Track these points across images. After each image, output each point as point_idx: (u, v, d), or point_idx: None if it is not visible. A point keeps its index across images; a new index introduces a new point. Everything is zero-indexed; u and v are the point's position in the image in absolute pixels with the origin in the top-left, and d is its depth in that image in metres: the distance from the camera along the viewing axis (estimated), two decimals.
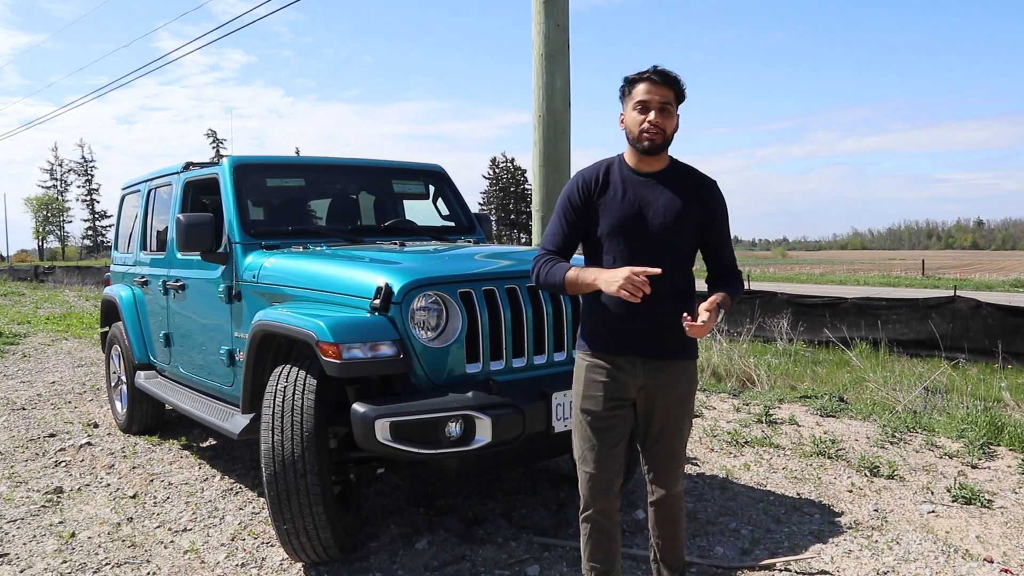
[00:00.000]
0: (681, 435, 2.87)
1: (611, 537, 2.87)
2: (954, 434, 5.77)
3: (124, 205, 6.73)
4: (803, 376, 8.55)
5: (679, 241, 2.73)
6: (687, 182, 2.77)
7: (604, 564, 2.87)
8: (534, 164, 6.77)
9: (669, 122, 2.68)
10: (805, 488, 4.74)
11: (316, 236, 4.80)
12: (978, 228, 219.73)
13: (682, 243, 2.74)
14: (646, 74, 2.68)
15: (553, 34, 6.54)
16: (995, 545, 3.89)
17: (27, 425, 6.56)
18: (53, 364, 9.95)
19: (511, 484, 4.82)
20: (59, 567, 3.75)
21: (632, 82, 2.72)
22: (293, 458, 3.34)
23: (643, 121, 2.66)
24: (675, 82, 2.68)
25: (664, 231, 2.70)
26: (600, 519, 2.84)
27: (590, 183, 2.80)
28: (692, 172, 2.83)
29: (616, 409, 2.78)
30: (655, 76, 2.66)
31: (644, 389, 2.78)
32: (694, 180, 2.79)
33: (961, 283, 28.93)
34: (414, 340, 3.40)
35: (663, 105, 2.66)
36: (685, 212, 2.71)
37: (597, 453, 2.78)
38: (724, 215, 2.84)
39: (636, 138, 2.70)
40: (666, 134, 2.69)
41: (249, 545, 3.98)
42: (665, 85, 2.66)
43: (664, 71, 2.66)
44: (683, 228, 2.72)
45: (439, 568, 3.64)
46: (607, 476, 2.79)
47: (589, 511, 2.84)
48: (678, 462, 2.90)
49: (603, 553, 2.87)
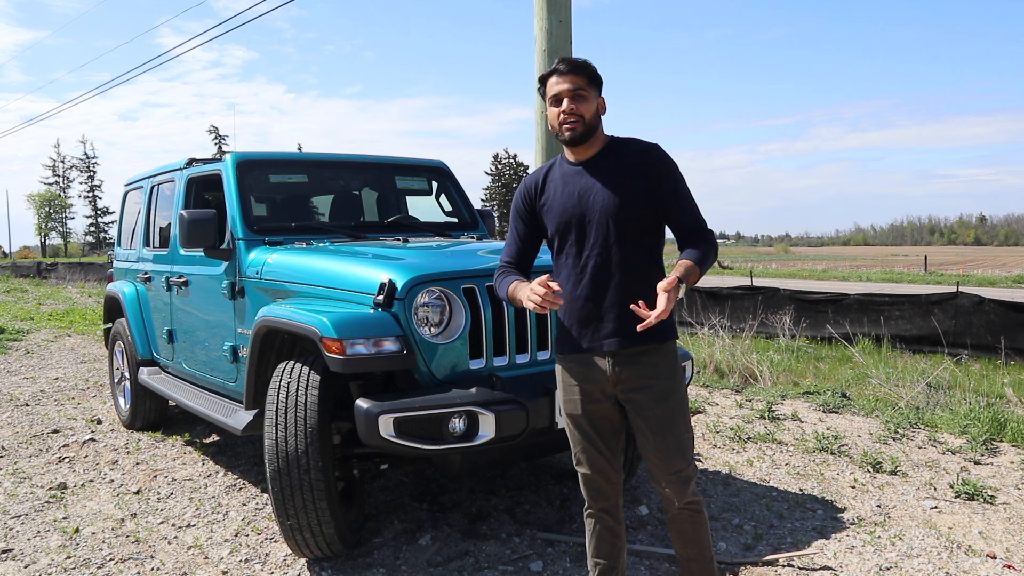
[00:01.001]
0: (674, 434, 2.64)
1: (615, 533, 2.85)
2: (957, 430, 5.77)
3: (127, 201, 6.74)
4: (806, 372, 8.55)
5: (626, 221, 2.61)
6: (624, 157, 2.69)
7: (608, 560, 2.86)
8: (536, 160, 6.76)
9: (586, 107, 2.62)
10: (808, 484, 4.74)
11: (319, 232, 4.80)
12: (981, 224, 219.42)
13: (630, 222, 2.62)
14: (553, 68, 2.67)
15: (555, 30, 6.53)
16: (998, 541, 3.89)
17: (31, 421, 6.58)
18: (56, 360, 9.97)
19: (515, 480, 4.82)
20: (63, 562, 3.77)
21: (544, 80, 2.70)
22: (297, 454, 3.34)
23: (559, 113, 2.65)
24: (583, 68, 2.64)
25: (606, 215, 2.62)
26: (603, 516, 2.82)
27: (531, 188, 2.81)
28: (629, 144, 2.73)
29: (597, 409, 2.71)
30: (561, 66, 2.64)
31: (620, 384, 2.65)
32: (631, 151, 2.69)
33: (964, 279, 28.88)
34: (417, 336, 3.40)
35: (575, 92, 2.62)
36: (625, 188, 2.63)
37: (588, 455, 2.77)
38: (672, 175, 2.67)
39: (558, 131, 2.68)
40: (586, 120, 2.63)
41: (253, 541, 3.99)
42: (573, 73, 2.63)
43: (570, 59, 2.65)
44: (627, 205, 2.61)
45: (443, 564, 3.65)
46: (603, 475, 2.77)
47: (592, 509, 2.84)
48: (679, 466, 2.66)
49: (607, 549, 2.85)
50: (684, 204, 2.68)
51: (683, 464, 2.67)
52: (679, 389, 2.70)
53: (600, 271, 2.62)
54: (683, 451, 2.67)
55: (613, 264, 2.61)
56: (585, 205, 2.66)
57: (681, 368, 2.75)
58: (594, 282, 2.64)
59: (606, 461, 2.76)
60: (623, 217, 2.62)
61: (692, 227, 2.67)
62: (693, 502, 2.73)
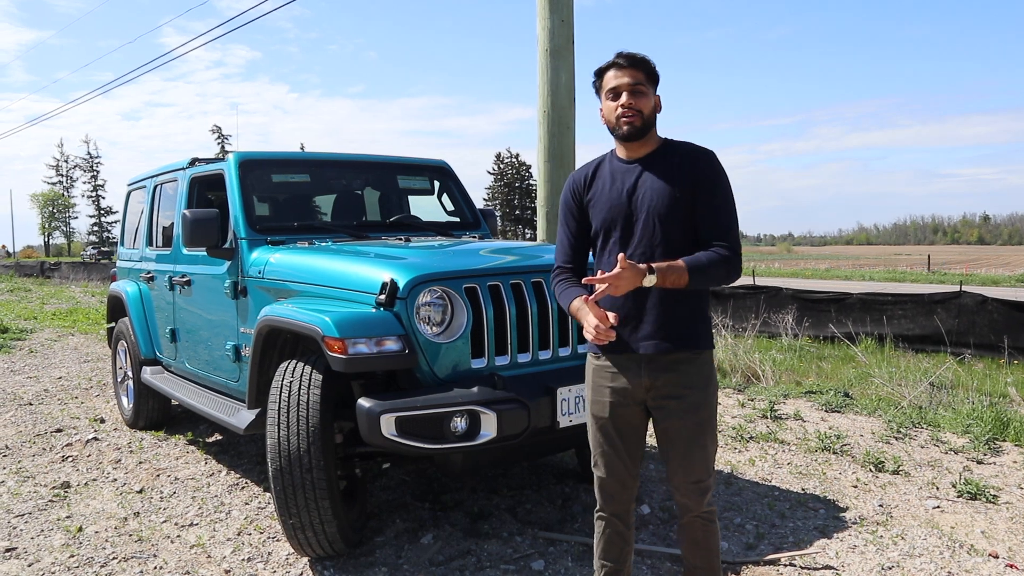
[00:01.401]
0: (700, 445, 2.62)
1: (624, 538, 2.81)
2: (959, 429, 5.76)
3: (130, 201, 6.75)
4: (808, 371, 8.55)
5: (672, 224, 2.57)
6: (676, 159, 2.62)
7: (615, 563, 2.83)
8: (539, 160, 6.77)
9: (644, 103, 2.58)
10: (810, 483, 4.74)
11: (321, 232, 4.81)
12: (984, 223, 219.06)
13: (676, 225, 2.57)
14: (612, 60, 2.61)
15: (558, 29, 6.53)
16: (1000, 540, 3.88)
17: (34, 420, 6.59)
18: (60, 360, 9.99)
19: (516, 479, 4.83)
20: (66, 561, 3.78)
21: (601, 73, 2.65)
22: (299, 453, 3.35)
23: (617, 107, 2.59)
24: (643, 63, 2.59)
25: (654, 216, 2.57)
26: (614, 520, 2.80)
27: (579, 183, 2.76)
28: (683, 147, 2.66)
29: (624, 414, 2.68)
30: (621, 60, 2.59)
31: (651, 391, 2.62)
32: (684, 154, 2.63)
33: (967, 278, 28.85)
34: (419, 335, 3.41)
35: (634, 87, 2.57)
36: (674, 191, 2.57)
37: (607, 459, 2.72)
38: (714, 184, 2.59)
39: (615, 125, 2.62)
40: (644, 115, 2.58)
41: (255, 540, 3.99)
42: (633, 67, 2.58)
43: (630, 54, 2.59)
44: (675, 208, 2.56)
45: (444, 563, 3.66)
46: (619, 481, 2.73)
47: (603, 512, 2.81)
48: (700, 476, 2.65)
49: (615, 553, 2.82)
50: (715, 214, 2.59)
51: (704, 475, 2.66)
52: (710, 402, 2.66)
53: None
54: (706, 463, 2.66)
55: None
56: (633, 203, 2.61)
57: (715, 380, 2.70)
58: None
59: (624, 467, 2.72)
60: (670, 219, 2.56)
61: (711, 236, 2.58)
62: (708, 512, 2.72)
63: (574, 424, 3.54)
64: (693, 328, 2.61)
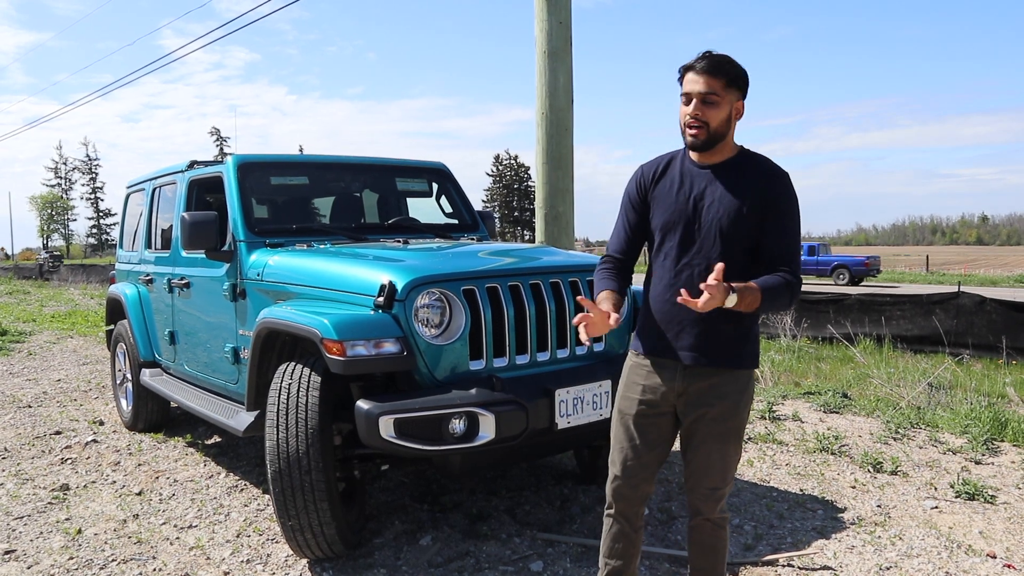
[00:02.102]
0: (721, 453, 2.61)
1: (630, 540, 2.80)
2: (958, 430, 5.77)
3: (129, 203, 6.76)
4: (807, 372, 8.56)
5: (733, 236, 2.51)
6: (750, 173, 2.55)
7: (619, 561, 2.82)
8: (537, 161, 6.78)
9: (714, 113, 2.48)
10: (808, 484, 4.75)
11: (320, 234, 4.81)
12: (983, 223, 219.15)
13: (737, 238, 2.51)
14: (693, 61, 2.51)
15: (555, 31, 6.54)
16: (998, 541, 3.89)
17: (33, 423, 6.60)
18: (59, 362, 9.99)
19: (515, 480, 4.83)
20: (66, 563, 3.78)
21: (682, 73, 2.54)
22: (298, 455, 3.36)
23: (685, 114, 2.52)
24: (721, 69, 2.47)
25: (717, 228, 2.51)
26: (621, 520, 2.79)
27: (647, 175, 2.69)
28: (759, 162, 2.59)
29: (650, 414, 2.66)
30: (700, 63, 2.48)
31: (683, 396, 2.60)
32: (759, 171, 2.56)
33: (965, 279, 28.87)
34: (418, 337, 3.41)
35: (706, 96, 2.47)
36: (742, 205, 2.50)
37: (624, 456, 2.70)
38: (784, 208, 2.53)
39: (682, 132, 2.56)
40: (710, 128, 2.49)
41: (254, 541, 4.00)
42: (710, 73, 2.46)
43: (711, 57, 2.48)
44: (739, 222, 2.50)
45: (443, 564, 3.66)
46: (632, 482, 2.71)
47: (612, 510, 2.80)
48: (716, 483, 2.64)
49: (620, 551, 2.81)
50: (779, 238, 2.53)
51: (721, 483, 2.66)
52: (741, 413, 2.63)
53: (697, 281, 2.47)
54: (726, 471, 2.65)
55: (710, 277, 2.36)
56: (699, 209, 2.55)
57: (751, 395, 2.66)
58: (677, 286, 2.52)
59: (639, 468, 2.70)
60: (732, 233, 2.51)
61: (773, 259, 2.53)
62: (720, 518, 2.72)
63: (572, 426, 3.55)
64: (738, 348, 2.58)
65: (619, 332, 4.11)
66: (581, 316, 2.45)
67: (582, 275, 3.96)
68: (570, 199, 6.78)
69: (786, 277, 2.49)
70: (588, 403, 3.60)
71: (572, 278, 3.92)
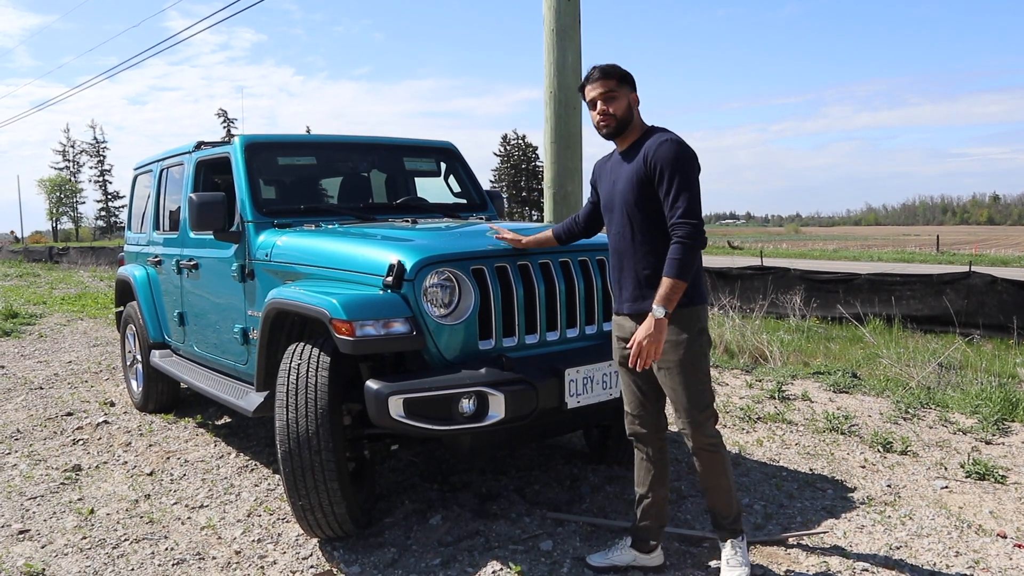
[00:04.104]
0: (679, 384, 3.03)
1: (650, 470, 3.26)
2: (968, 410, 5.75)
3: (136, 185, 6.76)
4: (816, 352, 8.54)
5: (635, 205, 3.04)
6: (643, 146, 3.05)
7: (646, 489, 3.28)
8: (545, 141, 6.74)
9: (617, 105, 3.07)
10: (818, 464, 4.74)
11: (328, 214, 4.80)
12: (994, 203, 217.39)
13: (640, 206, 3.03)
14: (588, 75, 3.12)
15: (564, 9, 6.48)
16: (1009, 520, 3.88)
17: (45, 404, 6.64)
18: (69, 344, 10.04)
19: (524, 460, 4.84)
20: (79, 543, 3.81)
21: (581, 88, 3.17)
22: (308, 435, 3.36)
23: (595, 115, 3.11)
24: (612, 71, 3.08)
25: (622, 199, 3.08)
26: (642, 448, 3.28)
27: (596, 168, 3.38)
28: (653, 136, 3.07)
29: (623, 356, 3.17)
30: (593, 74, 3.10)
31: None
32: (647, 143, 3.04)
33: (976, 259, 28.71)
34: (427, 317, 3.41)
35: (606, 95, 3.06)
36: (635, 176, 3.03)
37: (629, 396, 3.26)
38: (666, 168, 2.94)
39: (598, 130, 3.14)
40: (617, 117, 3.07)
41: (265, 521, 4.02)
42: (604, 78, 3.07)
43: (600, 66, 3.09)
44: (635, 191, 3.03)
45: (453, 543, 3.67)
46: (640, 413, 3.23)
47: (633, 440, 3.30)
48: (686, 414, 3.06)
49: (640, 477, 3.29)
50: (668, 192, 2.95)
51: (694, 412, 3.06)
52: (684, 348, 3.02)
53: (621, 248, 3.12)
54: (689, 401, 3.05)
55: (629, 240, 3.08)
56: (615, 189, 3.13)
57: (694, 329, 3.04)
58: (616, 256, 3.16)
59: (643, 402, 3.22)
60: (634, 202, 3.05)
61: (671, 214, 2.94)
62: (710, 443, 3.12)
63: (582, 405, 3.54)
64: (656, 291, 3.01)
65: None
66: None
67: (592, 254, 3.93)
68: (579, 178, 6.74)
69: (678, 238, 2.90)
70: (598, 383, 3.59)
71: (582, 257, 3.89)
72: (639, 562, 3.34)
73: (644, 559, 3.34)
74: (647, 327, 2.92)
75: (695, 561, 3.45)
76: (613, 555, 3.37)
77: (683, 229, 2.90)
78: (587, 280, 3.88)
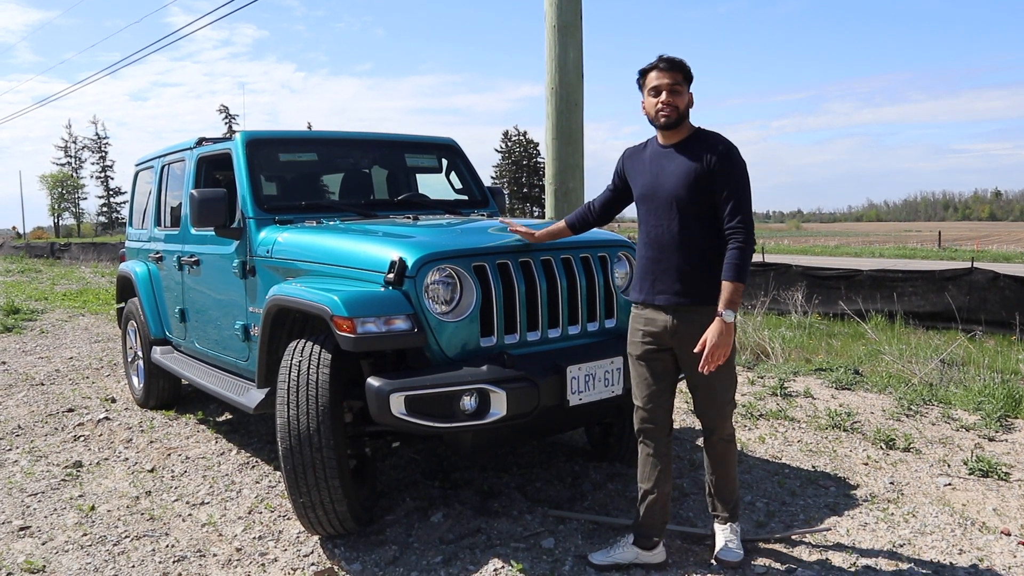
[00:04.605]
0: (721, 375, 3.17)
1: (656, 465, 3.29)
2: (971, 407, 5.73)
3: (138, 181, 6.74)
4: (818, 349, 8.52)
5: (687, 202, 3.09)
6: (701, 148, 3.11)
7: (651, 485, 3.30)
8: (547, 137, 6.72)
9: (680, 99, 3.11)
10: (820, 461, 4.73)
11: (329, 211, 4.78)
12: (996, 199, 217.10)
13: (691, 204, 3.09)
14: (655, 63, 3.13)
15: (565, 5, 6.45)
16: (1012, 518, 3.87)
17: (46, 400, 6.63)
18: (70, 340, 10.04)
19: (526, 457, 4.83)
20: (79, 539, 3.80)
21: (644, 72, 3.17)
22: (309, 432, 3.35)
23: (657, 103, 3.11)
24: (680, 65, 3.12)
25: (674, 194, 3.10)
26: (649, 443, 3.30)
27: (625, 155, 3.39)
28: (708, 138, 3.15)
29: (652, 351, 3.23)
30: (662, 64, 3.11)
31: (676, 335, 3.16)
32: (708, 146, 3.11)
33: (978, 255, 28.65)
34: (428, 314, 3.39)
35: (672, 87, 3.09)
36: (693, 175, 3.08)
37: (641, 389, 3.28)
38: (729, 174, 3.06)
39: (654, 118, 3.15)
40: (679, 110, 3.11)
41: (266, 518, 4.01)
42: (671, 70, 3.10)
43: (669, 58, 3.12)
44: (691, 189, 3.08)
45: (455, 541, 3.67)
46: (651, 408, 3.27)
47: (640, 436, 3.33)
48: (721, 402, 3.26)
49: (649, 475, 3.31)
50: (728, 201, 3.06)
51: (725, 401, 3.27)
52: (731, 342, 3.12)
53: (665, 240, 3.14)
54: (726, 391, 3.27)
55: (676, 233, 3.12)
56: (660, 183, 3.15)
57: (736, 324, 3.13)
58: (655, 247, 3.17)
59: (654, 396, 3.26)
60: (686, 200, 3.09)
61: (728, 217, 3.06)
62: (730, 434, 3.35)
63: (584, 402, 3.53)
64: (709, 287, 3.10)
65: (630, 309, 4.08)
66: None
67: (593, 251, 3.92)
68: (580, 175, 6.73)
69: (737, 243, 3.03)
70: (600, 380, 3.58)
71: (583, 254, 3.88)
72: (641, 559, 3.34)
73: (647, 556, 3.34)
74: (717, 331, 3.00)
75: (697, 559, 3.44)
76: (615, 553, 3.37)
77: (742, 234, 3.03)
78: (589, 277, 3.87)
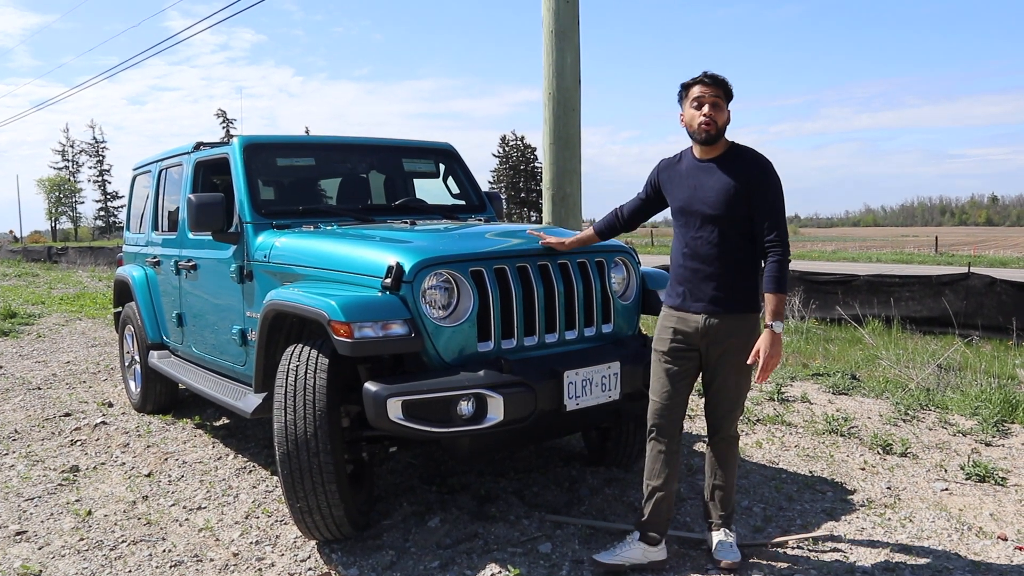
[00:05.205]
0: (737, 380, 3.32)
1: (667, 462, 3.34)
2: (968, 412, 5.74)
3: (135, 186, 6.74)
4: (815, 354, 8.53)
5: (724, 216, 3.18)
6: (739, 164, 3.22)
7: (660, 482, 3.35)
8: (544, 142, 6.73)
9: (720, 115, 3.19)
10: (817, 466, 4.73)
11: (327, 215, 4.78)
12: (993, 204, 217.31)
13: (728, 217, 3.18)
14: (699, 77, 3.22)
15: (563, 10, 6.47)
16: (1009, 523, 3.87)
17: (43, 404, 6.62)
18: (67, 344, 10.02)
19: (523, 462, 4.83)
20: (76, 544, 3.80)
21: (688, 86, 3.26)
22: (306, 437, 3.35)
23: (698, 116, 3.19)
24: (723, 83, 3.22)
25: (712, 208, 3.19)
26: (661, 439, 3.35)
27: (661, 166, 3.46)
28: (745, 154, 3.25)
29: (679, 351, 3.31)
30: (706, 79, 3.21)
31: (706, 338, 3.26)
32: (745, 161, 3.22)
33: (975, 259, 28.69)
34: (425, 319, 3.40)
35: (714, 101, 3.18)
36: (731, 190, 3.17)
37: (661, 385, 3.35)
38: (766, 191, 3.17)
39: (695, 130, 3.22)
40: (718, 125, 3.19)
41: (263, 523, 4.01)
42: (715, 85, 3.20)
43: (713, 74, 3.21)
44: (729, 204, 3.17)
45: (452, 545, 3.66)
46: (667, 405, 3.33)
47: (653, 432, 3.37)
48: (733, 405, 3.38)
49: (658, 472, 3.35)
50: (765, 218, 3.18)
51: (737, 405, 3.40)
52: (750, 348, 3.23)
53: (702, 251, 3.23)
54: (739, 395, 3.39)
55: (713, 244, 3.21)
56: (697, 196, 3.24)
57: (758, 332, 3.27)
58: (694, 259, 3.26)
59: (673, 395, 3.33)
60: (724, 214, 3.18)
61: (766, 231, 3.18)
62: (734, 436, 3.46)
63: (581, 407, 3.53)
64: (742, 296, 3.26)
65: (628, 315, 4.09)
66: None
67: (590, 256, 3.93)
68: (577, 180, 6.73)
69: (776, 257, 3.17)
70: (597, 385, 3.58)
71: (580, 259, 3.89)
72: (649, 556, 3.38)
73: (653, 552, 3.39)
74: (769, 342, 3.14)
75: (694, 564, 3.45)
76: (622, 551, 3.38)
77: (781, 249, 3.17)
78: (586, 282, 3.87)
